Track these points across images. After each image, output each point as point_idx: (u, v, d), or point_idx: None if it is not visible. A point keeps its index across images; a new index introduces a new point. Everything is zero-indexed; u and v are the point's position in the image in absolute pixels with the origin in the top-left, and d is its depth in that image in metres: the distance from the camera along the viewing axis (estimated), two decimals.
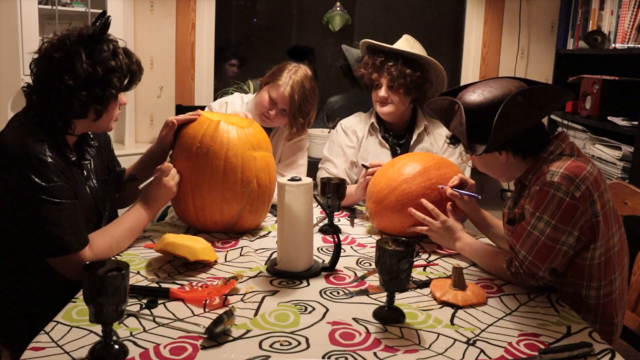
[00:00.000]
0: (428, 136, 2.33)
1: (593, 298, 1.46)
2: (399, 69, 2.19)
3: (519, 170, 1.53)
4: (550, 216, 1.38)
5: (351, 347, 1.14)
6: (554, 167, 1.41)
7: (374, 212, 1.84)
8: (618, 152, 2.68)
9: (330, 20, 3.46)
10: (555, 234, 1.39)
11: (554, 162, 1.44)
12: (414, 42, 2.32)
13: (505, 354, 1.14)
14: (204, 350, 1.11)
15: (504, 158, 1.50)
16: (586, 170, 1.40)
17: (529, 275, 1.43)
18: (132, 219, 1.64)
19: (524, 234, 1.43)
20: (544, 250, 1.40)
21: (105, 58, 1.48)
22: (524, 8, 3.37)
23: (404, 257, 1.21)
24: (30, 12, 2.65)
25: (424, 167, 1.81)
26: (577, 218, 1.38)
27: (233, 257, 1.62)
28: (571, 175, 1.38)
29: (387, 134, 2.34)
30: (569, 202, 1.37)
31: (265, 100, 2.14)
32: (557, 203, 1.37)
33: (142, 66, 1.60)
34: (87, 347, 1.09)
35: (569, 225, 1.38)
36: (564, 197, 1.37)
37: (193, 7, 3.29)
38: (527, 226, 1.42)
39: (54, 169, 1.44)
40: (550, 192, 1.38)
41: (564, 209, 1.37)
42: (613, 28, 2.87)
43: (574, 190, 1.37)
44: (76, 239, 1.46)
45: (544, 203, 1.39)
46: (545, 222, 1.39)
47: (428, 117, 2.37)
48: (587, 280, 1.45)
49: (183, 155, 1.74)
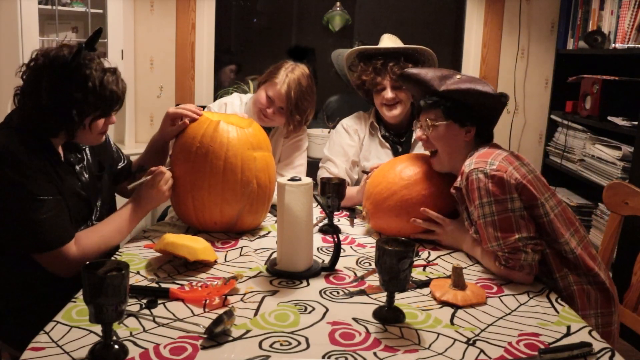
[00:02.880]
0: None
1: (570, 253, 1.54)
2: (402, 67, 2.17)
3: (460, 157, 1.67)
4: (486, 196, 1.50)
5: (351, 347, 1.14)
6: (467, 162, 1.59)
7: (371, 212, 1.84)
8: (618, 152, 2.68)
9: (330, 20, 3.46)
10: (500, 206, 1.49)
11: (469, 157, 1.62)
12: (395, 39, 2.33)
13: (505, 354, 1.14)
14: (204, 350, 1.11)
15: (464, 134, 1.67)
16: (495, 154, 1.56)
17: (514, 252, 1.48)
18: (121, 219, 1.65)
19: (483, 228, 1.53)
20: (504, 224, 1.49)
21: (70, 89, 1.46)
22: (524, 8, 3.37)
23: (404, 257, 1.21)
24: (30, 12, 2.65)
25: (426, 172, 1.79)
26: (507, 185, 1.49)
27: (233, 257, 1.62)
28: (482, 159, 1.55)
29: (388, 133, 2.33)
30: (491, 174, 1.50)
31: (263, 98, 2.14)
32: (483, 182, 1.51)
33: (118, 95, 1.54)
34: (87, 347, 1.08)
35: (506, 193, 1.49)
36: (484, 176, 1.51)
37: (193, 7, 3.29)
38: (480, 220, 1.53)
39: (35, 167, 1.44)
40: (472, 178, 1.53)
41: (491, 184, 1.50)
42: (613, 28, 2.87)
43: (489, 166, 1.51)
44: (57, 235, 1.47)
45: (475, 190, 1.53)
46: (488, 204, 1.50)
47: None
48: (557, 236, 1.53)
49: (183, 155, 1.74)
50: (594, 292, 1.53)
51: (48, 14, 2.81)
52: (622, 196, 1.84)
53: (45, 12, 2.79)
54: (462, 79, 1.66)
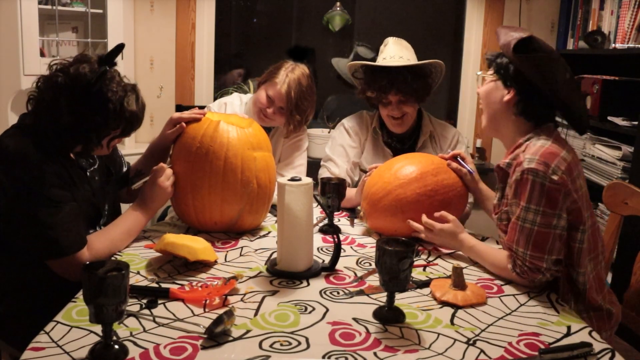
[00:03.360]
0: (433, 143, 2.28)
1: (581, 284, 1.49)
2: (409, 84, 2.10)
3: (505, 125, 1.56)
4: (536, 204, 1.40)
5: (351, 347, 1.14)
6: (529, 154, 1.43)
7: (368, 212, 1.84)
8: (618, 152, 2.68)
9: (330, 20, 3.46)
10: (546, 219, 1.41)
11: (530, 148, 1.46)
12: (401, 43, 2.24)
13: (505, 354, 1.14)
14: (204, 350, 1.11)
15: (509, 96, 1.52)
16: (560, 157, 1.43)
17: (534, 270, 1.43)
18: (129, 221, 1.65)
19: (517, 229, 1.44)
20: (540, 239, 1.41)
21: (91, 112, 1.46)
22: (524, 8, 3.37)
23: (404, 257, 1.21)
24: (30, 12, 2.65)
25: (421, 172, 1.78)
26: (562, 201, 1.41)
27: (233, 257, 1.62)
28: (546, 161, 1.41)
29: (390, 139, 2.29)
30: (549, 186, 1.39)
31: (263, 98, 2.14)
32: (539, 189, 1.40)
33: (138, 116, 1.56)
34: (87, 347, 1.08)
35: (557, 209, 1.41)
36: (544, 182, 1.39)
37: (193, 7, 3.29)
38: (518, 221, 1.44)
39: (51, 172, 1.44)
40: (529, 179, 1.41)
41: (546, 193, 1.40)
42: (613, 28, 2.87)
43: (552, 174, 1.40)
44: (73, 241, 1.47)
45: (527, 192, 1.41)
46: (534, 212, 1.41)
47: (433, 123, 2.31)
48: (577, 265, 1.48)
49: (183, 155, 1.74)
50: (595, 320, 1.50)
51: (48, 14, 2.81)
52: (622, 196, 1.84)
53: (45, 12, 2.79)
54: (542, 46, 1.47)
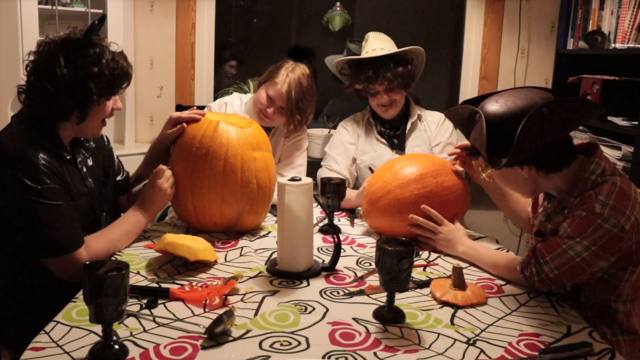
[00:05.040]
0: (421, 123, 2.39)
1: (621, 312, 1.44)
2: (393, 72, 2.23)
3: (543, 184, 1.47)
4: (591, 243, 1.35)
5: (351, 347, 1.14)
6: (602, 197, 1.35)
7: (367, 211, 1.85)
8: (618, 152, 2.68)
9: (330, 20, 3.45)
10: (592, 259, 1.36)
11: (601, 187, 1.38)
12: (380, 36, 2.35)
13: (505, 354, 1.14)
14: (204, 350, 1.11)
15: (526, 173, 1.43)
16: (632, 198, 1.37)
17: (545, 284, 1.41)
18: (129, 222, 1.65)
19: (558, 250, 1.39)
20: (575, 270, 1.38)
21: (87, 63, 1.48)
22: (524, 8, 3.36)
23: (404, 257, 1.21)
24: (30, 12, 2.65)
25: (420, 173, 1.78)
26: (619, 247, 1.36)
27: (233, 257, 1.62)
28: (622, 208, 1.34)
29: (384, 128, 2.40)
30: (617, 233, 1.33)
31: (263, 98, 2.14)
32: (603, 233, 1.34)
33: (129, 72, 1.59)
34: (87, 347, 1.09)
35: (609, 253, 1.36)
36: (612, 229, 1.33)
37: (193, 7, 3.29)
38: (563, 245, 1.38)
39: (48, 171, 1.45)
40: (596, 221, 1.34)
41: (609, 239, 1.34)
42: (613, 28, 2.87)
43: (625, 222, 1.33)
44: (70, 240, 1.47)
45: (587, 230, 1.35)
46: (584, 247, 1.35)
47: (420, 107, 2.44)
48: (617, 296, 1.44)
49: (182, 155, 1.74)
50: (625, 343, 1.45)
51: (48, 14, 2.81)
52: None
53: (45, 12, 2.79)
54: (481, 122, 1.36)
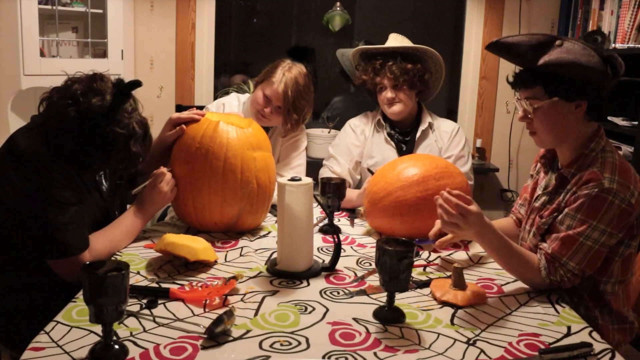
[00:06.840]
0: (432, 133, 2.34)
1: (609, 294, 1.47)
2: (400, 66, 2.20)
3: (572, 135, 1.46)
4: (606, 224, 1.37)
5: (351, 347, 1.14)
6: (608, 173, 1.38)
7: (368, 210, 1.85)
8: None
9: (330, 20, 3.45)
10: (608, 240, 1.39)
11: (603, 164, 1.41)
12: (402, 38, 2.33)
13: (505, 354, 1.14)
14: (204, 350, 1.11)
15: (580, 109, 1.43)
16: (632, 173, 1.41)
17: (573, 281, 1.43)
18: (128, 222, 1.66)
19: (575, 245, 1.39)
20: (596, 256, 1.40)
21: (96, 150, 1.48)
22: (524, 8, 3.36)
23: (404, 257, 1.21)
24: (30, 12, 2.65)
25: (423, 175, 1.77)
26: (627, 224, 1.39)
27: (233, 257, 1.62)
28: (627, 183, 1.37)
29: (393, 131, 2.35)
30: (625, 208, 1.37)
31: (260, 98, 2.14)
32: (615, 210, 1.36)
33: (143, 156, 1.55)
34: (87, 347, 1.08)
35: (618, 230, 1.39)
36: (621, 204, 1.36)
37: (193, 7, 3.29)
38: (580, 237, 1.38)
39: (60, 173, 1.45)
40: (608, 199, 1.36)
41: (619, 215, 1.37)
42: (613, 28, 2.87)
43: (630, 197, 1.37)
44: (77, 242, 1.47)
45: (601, 211, 1.36)
46: (601, 231, 1.37)
47: (433, 117, 2.38)
48: (608, 276, 1.47)
49: (182, 156, 1.74)
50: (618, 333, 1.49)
51: (48, 14, 2.81)
52: None
53: (45, 12, 2.79)
54: (563, 49, 1.38)
